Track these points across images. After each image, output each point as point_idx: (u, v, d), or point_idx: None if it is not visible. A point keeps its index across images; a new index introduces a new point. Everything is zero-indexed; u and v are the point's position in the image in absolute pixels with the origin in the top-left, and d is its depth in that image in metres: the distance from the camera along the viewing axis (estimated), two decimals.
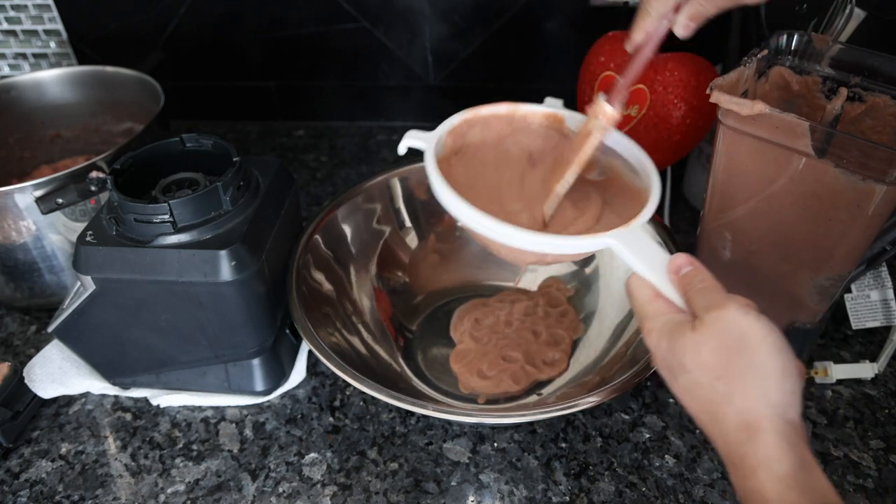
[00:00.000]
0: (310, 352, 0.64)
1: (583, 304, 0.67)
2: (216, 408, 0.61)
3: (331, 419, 0.59)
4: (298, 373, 0.62)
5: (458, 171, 0.49)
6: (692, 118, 0.66)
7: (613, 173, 0.51)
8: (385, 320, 0.66)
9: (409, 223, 0.71)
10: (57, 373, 0.61)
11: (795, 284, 0.55)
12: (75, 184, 0.59)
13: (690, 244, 0.63)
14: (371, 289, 0.67)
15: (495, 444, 0.57)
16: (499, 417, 0.53)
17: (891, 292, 0.59)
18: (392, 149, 0.96)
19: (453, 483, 0.54)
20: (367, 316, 0.65)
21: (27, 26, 0.96)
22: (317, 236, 0.64)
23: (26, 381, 0.60)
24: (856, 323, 0.61)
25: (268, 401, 0.61)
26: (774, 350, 0.35)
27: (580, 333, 0.65)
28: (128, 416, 0.60)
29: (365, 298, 0.66)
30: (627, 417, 0.59)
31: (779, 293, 0.56)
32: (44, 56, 0.99)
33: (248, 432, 0.59)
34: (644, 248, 0.41)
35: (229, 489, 0.54)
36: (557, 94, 0.54)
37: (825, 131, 0.46)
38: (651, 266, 0.40)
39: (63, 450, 0.58)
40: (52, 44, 0.98)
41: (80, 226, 0.59)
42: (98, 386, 0.61)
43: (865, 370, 0.60)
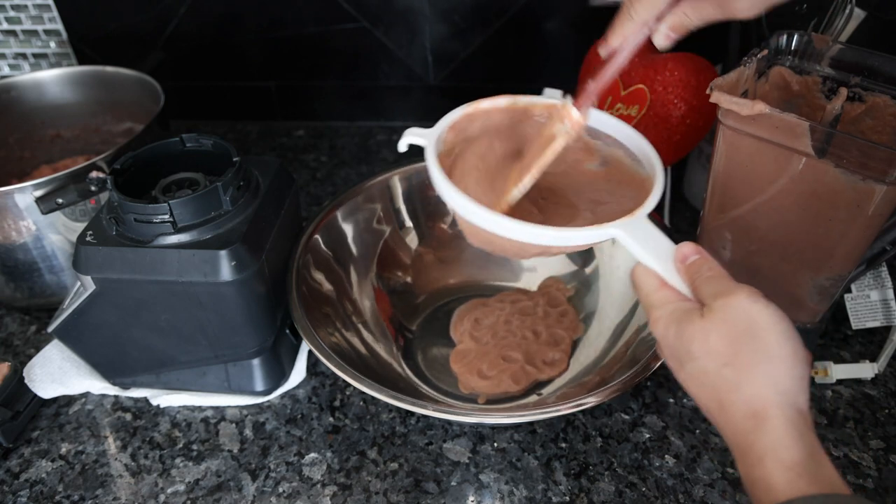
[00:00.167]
0: (310, 352, 0.64)
1: (583, 304, 0.67)
2: (216, 408, 0.61)
3: (331, 419, 0.59)
4: (298, 373, 0.62)
5: (460, 167, 0.49)
6: (692, 118, 0.66)
7: (616, 162, 0.50)
8: (385, 320, 0.66)
9: (410, 223, 0.71)
10: (57, 373, 0.61)
11: (795, 284, 0.55)
12: (75, 184, 0.59)
13: None
14: (371, 289, 0.67)
15: (495, 444, 0.57)
16: (499, 417, 0.53)
17: (891, 292, 0.59)
18: (392, 149, 0.96)
19: (453, 483, 0.54)
20: (367, 316, 0.65)
21: (27, 26, 0.96)
22: (317, 236, 0.64)
23: (26, 381, 0.60)
24: (856, 323, 0.61)
25: (268, 401, 0.61)
26: (784, 337, 0.34)
27: (580, 333, 0.65)
28: (128, 416, 0.60)
29: (365, 298, 0.66)
30: (627, 417, 0.59)
31: (779, 293, 0.56)
32: (44, 56, 0.99)
33: (248, 432, 0.59)
34: (649, 238, 0.40)
35: (229, 489, 0.54)
36: None
37: (825, 131, 0.46)
38: (657, 255, 0.40)
39: (63, 450, 0.58)
40: (52, 44, 0.98)
41: (80, 226, 0.59)
42: (98, 386, 0.61)
43: (865, 370, 0.60)
